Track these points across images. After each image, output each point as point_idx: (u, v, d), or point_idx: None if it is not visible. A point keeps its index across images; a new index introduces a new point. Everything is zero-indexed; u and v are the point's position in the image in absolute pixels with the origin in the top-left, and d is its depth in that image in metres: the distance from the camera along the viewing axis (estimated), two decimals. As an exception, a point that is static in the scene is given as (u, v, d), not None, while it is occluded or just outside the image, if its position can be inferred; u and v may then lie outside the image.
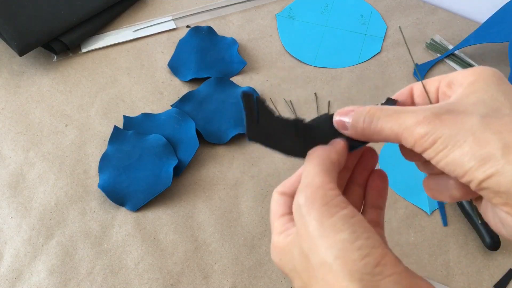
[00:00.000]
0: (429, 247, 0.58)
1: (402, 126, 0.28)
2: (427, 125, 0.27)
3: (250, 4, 0.80)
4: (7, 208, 0.59)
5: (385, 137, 0.29)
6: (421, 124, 0.27)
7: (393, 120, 0.28)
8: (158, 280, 0.55)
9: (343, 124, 0.31)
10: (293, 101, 0.69)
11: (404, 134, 0.28)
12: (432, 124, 0.27)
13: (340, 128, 0.31)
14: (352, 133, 0.30)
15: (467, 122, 0.26)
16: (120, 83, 0.70)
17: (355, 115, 0.30)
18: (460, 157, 0.25)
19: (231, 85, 0.69)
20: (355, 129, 0.30)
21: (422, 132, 0.27)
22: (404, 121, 0.28)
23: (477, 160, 0.25)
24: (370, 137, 0.30)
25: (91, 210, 0.60)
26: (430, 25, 0.78)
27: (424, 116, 0.27)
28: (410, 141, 0.27)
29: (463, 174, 0.26)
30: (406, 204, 0.61)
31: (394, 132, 0.28)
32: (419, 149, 0.27)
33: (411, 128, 0.27)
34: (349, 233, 0.26)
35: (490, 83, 0.28)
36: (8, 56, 0.72)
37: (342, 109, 0.31)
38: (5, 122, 0.66)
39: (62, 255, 0.56)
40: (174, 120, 0.65)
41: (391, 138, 0.28)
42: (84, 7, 0.73)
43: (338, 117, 0.31)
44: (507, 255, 0.58)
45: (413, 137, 0.27)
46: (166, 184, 0.60)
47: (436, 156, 0.26)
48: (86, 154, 0.64)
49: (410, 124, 0.27)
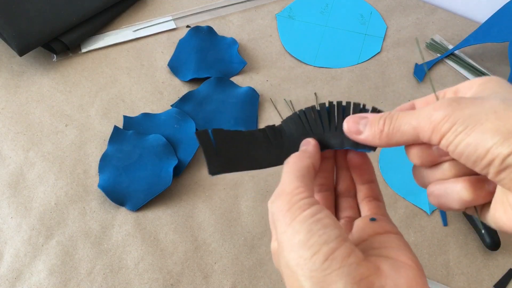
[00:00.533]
0: (429, 247, 0.58)
1: (420, 117, 0.27)
2: (444, 108, 0.26)
3: (250, 4, 0.80)
4: (7, 208, 0.59)
5: (401, 134, 0.28)
6: (439, 109, 0.26)
7: (409, 115, 0.28)
8: (158, 280, 0.55)
9: (356, 129, 0.31)
10: (293, 101, 0.69)
11: (421, 123, 0.27)
12: (450, 107, 0.26)
13: (352, 133, 0.31)
14: (369, 135, 0.30)
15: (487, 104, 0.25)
16: (120, 83, 0.70)
17: (373, 118, 0.30)
18: (482, 134, 0.24)
19: (231, 85, 0.69)
20: (373, 133, 0.30)
21: (440, 116, 0.26)
22: (421, 113, 0.27)
23: (502, 135, 0.24)
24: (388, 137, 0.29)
25: (91, 210, 0.60)
26: (430, 25, 0.78)
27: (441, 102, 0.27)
28: (428, 130, 0.27)
29: (485, 153, 0.24)
30: (406, 204, 0.61)
31: (412, 126, 0.28)
32: (437, 137, 0.26)
33: (429, 114, 0.27)
34: (305, 234, 0.27)
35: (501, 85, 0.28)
36: (8, 56, 0.72)
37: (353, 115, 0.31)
38: (5, 122, 0.66)
39: (62, 255, 0.57)
40: (174, 120, 0.65)
41: (409, 133, 0.28)
42: (84, 7, 0.73)
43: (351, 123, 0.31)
44: (507, 255, 0.58)
45: (430, 124, 0.26)
46: (166, 184, 0.60)
47: (455, 138, 0.25)
48: (86, 154, 0.64)
49: (428, 112, 0.27)
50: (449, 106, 0.26)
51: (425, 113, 0.27)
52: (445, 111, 0.26)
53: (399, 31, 0.77)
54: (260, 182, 0.62)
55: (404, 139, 0.29)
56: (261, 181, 0.62)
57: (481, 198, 0.28)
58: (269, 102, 0.69)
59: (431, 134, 0.27)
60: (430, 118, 0.26)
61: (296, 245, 0.27)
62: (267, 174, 0.63)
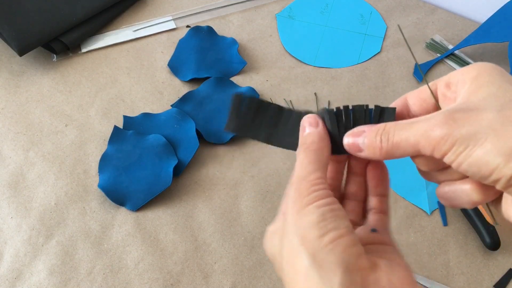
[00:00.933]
0: (429, 247, 0.58)
1: (418, 134, 0.27)
2: (441, 127, 0.26)
3: (250, 4, 0.80)
4: (7, 208, 0.59)
5: (403, 151, 0.28)
6: (436, 127, 0.26)
7: (407, 131, 0.28)
8: (158, 280, 0.55)
9: (357, 147, 0.30)
10: (293, 101, 0.69)
11: (421, 142, 0.27)
12: (447, 125, 0.26)
13: (354, 151, 0.31)
14: (369, 153, 0.30)
15: (484, 119, 0.25)
16: (120, 83, 0.70)
17: (370, 135, 0.29)
18: (484, 156, 0.24)
19: (231, 85, 0.69)
20: (372, 150, 0.29)
21: (438, 135, 0.26)
22: (418, 129, 0.27)
23: (504, 156, 0.24)
24: (388, 154, 0.29)
25: (91, 210, 0.60)
26: (430, 25, 0.78)
27: (437, 119, 0.26)
28: (428, 147, 0.27)
29: (489, 173, 0.25)
30: (406, 204, 0.61)
31: (410, 143, 0.27)
32: (438, 154, 0.26)
33: (427, 134, 0.26)
34: (317, 216, 0.28)
35: (494, 75, 0.27)
36: (8, 56, 0.72)
37: (351, 131, 0.31)
38: (5, 122, 0.66)
39: (62, 255, 0.57)
40: (174, 120, 0.65)
41: (409, 150, 0.28)
42: (84, 7, 0.73)
43: (350, 138, 0.31)
44: (507, 255, 0.58)
45: (430, 143, 0.26)
46: (166, 184, 0.60)
47: (457, 158, 0.25)
48: (86, 154, 0.64)
49: (425, 130, 0.27)
50: (445, 125, 0.26)
51: (422, 130, 0.27)
52: (442, 130, 0.26)
53: (399, 31, 0.77)
54: (260, 182, 0.62)
55: (405, 154, 0.28)
56: (261, 181, 0.63)
57: (491, 196, 0.28)
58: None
59: (432, 151, 0.26)
60: (428, 138, 0.26)
61: (307, 225, 0.28)
62: (267, 174, 0.63)
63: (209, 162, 0.64)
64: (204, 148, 0.65)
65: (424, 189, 0.62)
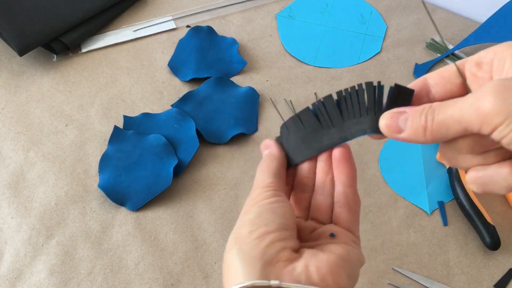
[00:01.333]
0: (429, 247, 0.58)
1: (465, 108, 0.25)
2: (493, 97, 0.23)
3: (250, 4, 0.80)
4: (7, 208, 0.59)
5: (449, 130, 0.26)
6: (486, 98, 0.24)
7: (453, 106, 0.26)
8: (158, 280, 0.55)
9: (396, 128, 0.28)
10: (293, 101, 0.69)
11: (468, 115, 0.25)
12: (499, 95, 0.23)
13: (393, 132, 0.29)
14: (411, 134, 0.28)
15: None
16: (120, 83, 0.70)
17: (413, 115, 0.28)
18: None
19: (231, 85, 0.69)
20: (415, 130, 0.27)
21: (489, 106, 0.23)
22: (465, 102, 0.25)
23: None
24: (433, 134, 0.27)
25: (91, 210, 0.60)
26: (430, 25, 0.78)
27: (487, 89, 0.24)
28: (476, 121, 0.24)
29: None
30: (406, 204, 0.61)
31: (457, 118, 0.25)
32: (487, 129, 0.24)
33: (476, 105, 0.24)
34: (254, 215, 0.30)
35: None
36: (8, 56, 0.72)
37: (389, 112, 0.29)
38: (5, 122, 0.66)
39: (62, 255, 0.56)
40: (174, 120, 0.65)
41: (455, 128, 0.26)
42: (84, 7, 0.73)
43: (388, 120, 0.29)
44: (507, 255, 0.58)
45: (479, 115, 0.24)
46: (166, 184, 0.60)
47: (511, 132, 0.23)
48: (86, 154, 0.64)
49: (473, 102, 0.24)
50: (497, 93, 0.23)
51: (469, 104, 0.25)
52: (494, 101, 0.23)
53: (399, 31, 0.77)
54: (260, 182, 0.62)
55: (450, 134, 0.26)
56: (261, 181, 0.62)
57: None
58: (269, 102, 0.69)
59: (480, 126, 0.24)
60: (478, 109, 0.24)
61: (244, 223, 0.31)
62: (267, 174, 0.63)
63: (209, 162, 0.64)
64: (204, 148, 0.65)
65: (424, 189, 0.62)
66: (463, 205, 0.59)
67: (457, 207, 0.61)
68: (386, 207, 0.61)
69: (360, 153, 0.64)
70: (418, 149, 0.65)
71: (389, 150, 0.65)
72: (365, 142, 0.65)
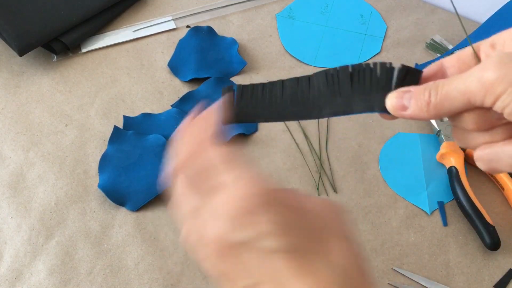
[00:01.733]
0: (429, 247, 0.58)
1: (468, 80, 0.25)
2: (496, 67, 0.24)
3: (250, 4, 0.80)
4: (7, 208, 0.59)
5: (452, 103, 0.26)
6: (489, 69, 0.24)
7: (456, 80, 0.26)
8: (158, 280, 0.55)
9: (401, 106, 0.29)
10: (293, 101, 0.69)
11: (470, 86, 0.25)
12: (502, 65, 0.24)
13: (398, 110, 0.29)
14: (415, 110, 0.28)
15: None
16: (120, 83, 0.70)
17: (417, 91, 0.28)
18: None
19: (231, 85, 0.69)
20: (418, 106, 0.28)
21: (492, 76, 0.24)
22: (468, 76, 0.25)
23: None
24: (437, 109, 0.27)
25: (91, 210, 0.60)
26: (430, 25, 0.78)
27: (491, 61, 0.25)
28: (480, 92, 0.25)
29: None
30: (406, 204, 0.61)
31: (460, 90, 0.26)
32: (491, 98, 0.24)
33: (479, 76, 0.25)
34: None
35: None
36: (8, 56, 0.72)
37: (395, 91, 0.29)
38: (5, 122, 0.66)
39: (62, 255, 0.56)
40: (174, 120, 0.65)
41: (459, 100, 0.26)
42: (84, 7, 0.73)
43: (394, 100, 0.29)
44: (507, 255, 0.58)
45: (482, 86, 0.24)
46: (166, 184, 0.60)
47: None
48: (86, 154, 0.64)
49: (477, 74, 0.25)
50: (501, 64, 0.24)
51: (473, 75, 0.25)
52: (497, 71, 0.24)
53: (399, 31, 0.77)
54: (260, 182, 0.62)
55: (454, 107, 0.27)
56: (261, 181, 0.62)
57: None
58: (269, 102, 0.69)
59: (483, 96, 0.25)
60: (481, 79, 0.25)
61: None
62: (267, 174, 0.63)
63: (209, 162, 0.64)
64: (204, 148, 0.64)
65: (424, 189, 0.62)
66: (463, 205, 0.59)
67: (457, 207, 0.61)
68: (386, 208, 0.61)
69: (360, 153, 0.64)
70: (418, 149, 0.65)
71: (389, 150, 0.65)
72: (365, 142, 0.65)
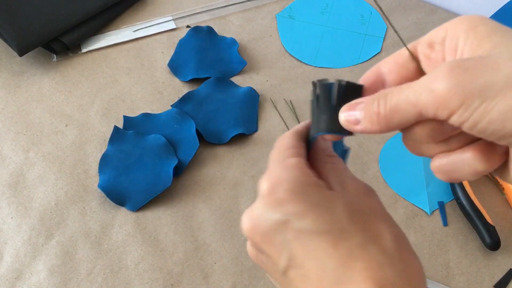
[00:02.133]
0: (429, 247, 0.58)
1: (418, 90, 0.23)
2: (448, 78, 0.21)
3: (250, 4, 0.80)
4: (7, 208, 0.59)
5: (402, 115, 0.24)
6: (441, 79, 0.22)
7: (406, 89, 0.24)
8: (158, 280, 0.55)
9: (354, 120, 0.26)
10: (293, 101, 0.69)
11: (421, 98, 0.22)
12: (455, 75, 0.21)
13: (351, 124, 0.26)
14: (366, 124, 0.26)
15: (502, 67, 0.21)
16: (120, 83, 0.70)
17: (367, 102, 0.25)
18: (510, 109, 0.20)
19: (231, 85, 0.69)
20: (369, 118, 0.25)
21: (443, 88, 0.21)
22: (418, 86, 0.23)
23: None
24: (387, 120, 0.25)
25: (91, 210, 0.60)
26: (430, 25, 0.78)
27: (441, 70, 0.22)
28: (432, 105, 0.22)
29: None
30: (406, 204, 0.61)
31: (411, 101, 0.23)
32: (444, 113, 0.22)
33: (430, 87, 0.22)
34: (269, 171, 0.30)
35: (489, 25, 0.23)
36: (8, 56, 0.72)
37: (347, 104, 0.27)
38: (5, 122, 0.66)
39: (62, 255, 0.56)
40: (174, 120, 0.65)
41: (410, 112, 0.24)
42: (84, 7, 0.73)
43: (346, 112, 0.27)
44: (507, 255, 0.58)
45: (434, 98, 0.22)
46: (166, 184, 0.60)
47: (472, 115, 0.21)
48: (86, 154, 0.64)
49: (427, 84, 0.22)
50: (452, 74, 0.21)
51: (424, 86, 0.23)
52: (449, 81, 0.21)
53: (399, 31, 0.77)
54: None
55: (405, 120, 0.24)
56: (261, 181, 0.62)
57: (495, 163, 0.25)
58: (269, 102, 0.69)
59: (436, 110, 0.22)
60: (433, 92, 0.22)
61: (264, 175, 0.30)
62: (267, 174, 0.63)
63: (209, 162, 0.64)
64: (204, 148, 0.64)
65: (424, 189, 0.62)
66: (463, 205, 0.59)
67: (457, 207, 0.61)
68: (386, 207, 0.61)
69: (360, 153, 0.64)
70: (418, 149, 0.65)
71: (389, 150, 0.65)
72: (365, 142, 0.65)
